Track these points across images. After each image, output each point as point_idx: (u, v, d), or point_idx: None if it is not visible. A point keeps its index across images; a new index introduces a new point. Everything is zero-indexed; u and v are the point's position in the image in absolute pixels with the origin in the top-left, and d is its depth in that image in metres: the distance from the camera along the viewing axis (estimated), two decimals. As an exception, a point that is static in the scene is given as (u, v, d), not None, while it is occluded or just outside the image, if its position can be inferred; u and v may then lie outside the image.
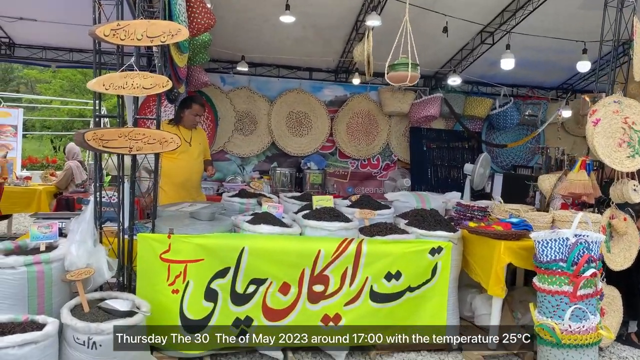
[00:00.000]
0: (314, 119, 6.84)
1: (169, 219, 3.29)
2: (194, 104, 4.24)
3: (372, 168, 7.18)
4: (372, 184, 7.18)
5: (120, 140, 2.95)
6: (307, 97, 6.79)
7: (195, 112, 4.24)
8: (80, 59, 6.25)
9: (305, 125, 6.83)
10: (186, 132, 4.25)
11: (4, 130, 10.61)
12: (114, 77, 2.98)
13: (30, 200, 6.56)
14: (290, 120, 6.76)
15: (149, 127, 4.04)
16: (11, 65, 29.62)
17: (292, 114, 6.77)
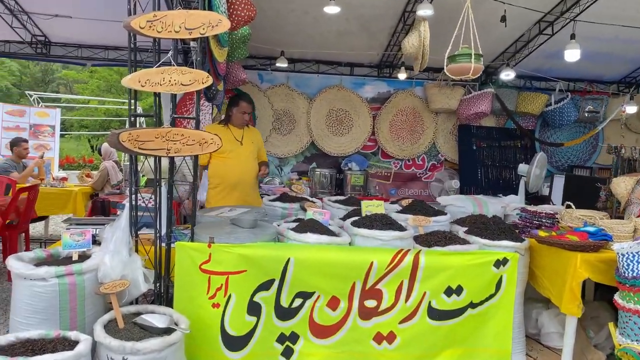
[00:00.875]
0: (355, 117, 6.57)
1: (208, 225, 3.09)
2: (242, 102, 4.06)
3: (417, 169, 6.86)
4: (417, 185, 6.86)
5: (157, 141, 2.76)
6: (348, 93, 6.52)
7: (243, 110, 4.05)
8: (115, 57, 6.17)
9: (346, 123, 6.56)
10: (237, 131, 4.10)
11: (42, 130, 10.78)
12: (151, 73, 2.79)
13: (66, 202, 6.53)
14: (330, 118, 6.51)
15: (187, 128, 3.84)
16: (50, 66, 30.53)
17: (332, 112, 6.52)
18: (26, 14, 5.28)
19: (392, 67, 6.53)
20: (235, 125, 4.12)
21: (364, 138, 6.60)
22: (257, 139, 4.26)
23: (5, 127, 10.30)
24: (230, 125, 4.12)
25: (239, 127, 4.13)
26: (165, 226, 2.91)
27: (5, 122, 10.33)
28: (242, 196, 4.12)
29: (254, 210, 3.65)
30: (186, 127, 5.53)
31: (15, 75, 23.20)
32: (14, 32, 5.50)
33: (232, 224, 3.10)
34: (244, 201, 4.06)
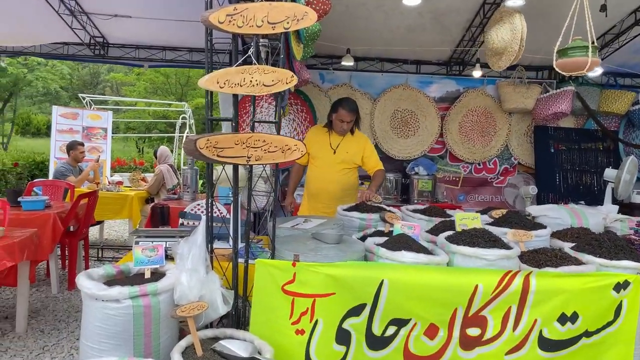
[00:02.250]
0: (421, 118, 6.22)
1: (287, 240, 2.83)
2: (340, 108, 3.82)
3: (488, 173, 6.45)
4: (488, 191, 6.44)
5: (237, 148, 2.53)
6: (415, 93, 6.18)
7: (340, 118, 3.82)
8: (173, 58, 6.04)
9: (412, 125, 6.22)
10: (335, 138, 3.91)
11: (94, 133, 10.89)
12: (230, 72, 2.56)
13: (122, 207, 6.48)
14: (394, 119, 6.19)
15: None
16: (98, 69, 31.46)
17: (397, 112, 6.19)
18: (86, 14, 5.21)
19: (462, 64, 6.15)
20: (336, 132, 3.90)
21: (431, 140, 6.25)
22: (358, 148, 3.99)
23: (60, 129, 10.45)
24: (332, 131, 3.91)
25: (340, 135, 3.90)
26: (244, 241, 2.67)
27: (60, 124, 10.48)
28: (323, 208, 3.91)
29: (330, 221, 3.39)
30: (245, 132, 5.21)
31: (66, 78, 23.92)
32: (72, 34, 5.44)
33: (313, 239, 2.84)
34: (325, 213, 3.83)
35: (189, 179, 5.73)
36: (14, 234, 3.44)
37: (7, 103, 20.21)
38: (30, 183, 5.94)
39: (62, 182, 5.95)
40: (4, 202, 3.96)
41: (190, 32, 5.63)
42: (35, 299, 4.42)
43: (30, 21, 5.42)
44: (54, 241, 4.43)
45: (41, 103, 26.07)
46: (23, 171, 12.28)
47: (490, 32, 4.03)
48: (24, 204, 4.49)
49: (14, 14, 5.28)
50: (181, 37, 5.79)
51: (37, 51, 5.99)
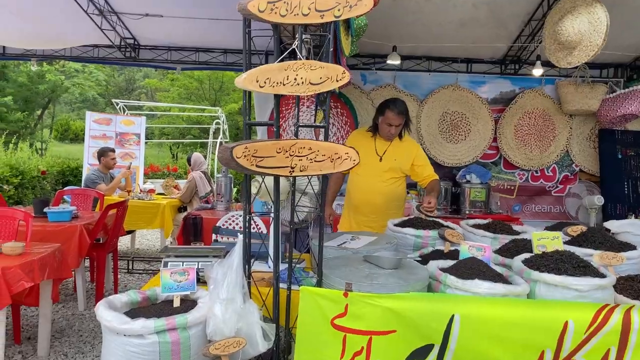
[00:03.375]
0: (473, 121, 5.77)
1: (335, 263, 2.46)
2: (388, 110, 3.45)
3: (546, 181, 5.93)
4: (546, 200, 5.93)
5: (280, 157, 2.19)
6: (465, 94, 5.74)
7: (388, 121, 3.45)
8: (207, 60, 5.78)
9: (462, 128, 5.78)
10: (382, 143, 3.55)
11: (127, 139, 10.82)
12: (272, 69, 2.21)
13: (153, 216, 6.26)
14: (443, 123, 5.76)
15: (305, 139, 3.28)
16: (133, 75, 31.95)
17: (446, 115, 5.76)
18: (115, 14, 5.00)
19: (519, 62, 5.67)
20: (382, 137, 3.53)
21: (483, 145, 5.78)
22: (407, 155, 3.61)
23: (93, 135, 10.42)
24: (378, 135, 3.54)
25: (386, 140, 3.53)
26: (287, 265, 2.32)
27: (93, 130, 10.45)
28: (367, 221, 3.54)
29: (381, 239, 3.00)
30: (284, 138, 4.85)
31: (102, 85, 24.29)
32: (102, 36, 5.25)
33: (366, 262, 2.47)
34: (369, 228, 3.46)
35: (223, 187, 5.44)
36: (35, 251, 3.19)
37: (46, 109, 20.58)
38: (60, 192, 5.78)
39: (91, 190, 5.76)
40: (27, 214, 3.73)
41: (225, 32, 5.37)
42: (61, 316, 4.19)
43: (59, 23, 5.25)
44: (80, 255, 4.20)
45: (79, 109, 26.62)
46: (57, 178, 12.33)
47: (563, 24, 3.57)
48: (50, 215, 4.28)
49: (43, 16, 5.12)
50: (215, 37, 5.52)
51: (68, 54, 5.82)
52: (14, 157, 11.38)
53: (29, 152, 12.82)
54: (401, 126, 3.56)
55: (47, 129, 21.62)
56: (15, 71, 17.51)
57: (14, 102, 17.06)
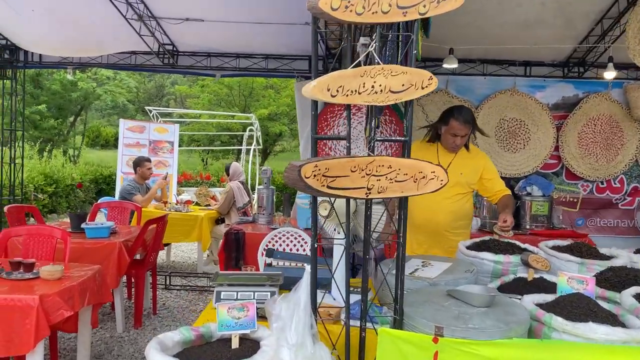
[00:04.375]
0: (532, 129, 5.39)
1: (416, 299, 2.16)
2: (452, 120, 3.13)
3: (613, 193, 5.50)
4: (612, 214, 5.50)
5: (354, 176, 1.91)
6: (524, 99, 5.37)
7: (453, 131, 3.14)
8: (247, 66, 5.55)
9: (521, 136, 5.40)
10: (445, 155, 3.23)
11: (161, 147, 10.73)
12: (345, 76, 1.94)
13: (191, 229, 6.07)
14: (500, 130, 5.40)
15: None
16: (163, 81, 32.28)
17: (503, 122, 5.40)
18: (155, 19, 4.82)
19: (584, 65, 5.27)
20: (445, 147, 3.22)
21: (544, 155, 5.40)
22: (475, 168, 3.29)
23: (126, 143, 10.35)
24: (440, 146, 3.23)
25: (450, 151, 3.21)
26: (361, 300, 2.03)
27: (127, 138, 10.39)
28: (430, 242, 3.22)
29: (458, 265, 2.69)
30: (323, 153, 4.66)
31: (133, 91, 24.54)
32: (140, 42, 5.08)
33: (450, 296, 2.15)
34: (433, 250, 3.14)
35: (265, 199, 5.19)
36: (74, 274, 2.98)
37: (78, 117, 20.84)
38: (96, 204, 5.63)
39: (129, 203, 5.59)
40: (65, 232, 3.54)
41: (266, 37, 5.15)
42: (99, 338, 3.99)
43: (97, 30, 5.11)
44: (119, 274, 4.00)
45: (110, 116, 26.98)
46: (90, 186, 12.36)
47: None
48: (88, 232, 4.10)
49: (81, 23, 5.00)
50: (257, 43, 5.31)
51: (105, 62, 5.68)
52: (48, 165, 11.44)
53: (62, 160, 12.89)
54: (467, 136, 3.24)
55: (80, 136, 21.89)
56: (49, 79, 17.76)
57: (47, 110, 17.28)
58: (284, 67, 5.46)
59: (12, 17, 5.06)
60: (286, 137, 22.27)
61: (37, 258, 3.54)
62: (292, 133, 20.08)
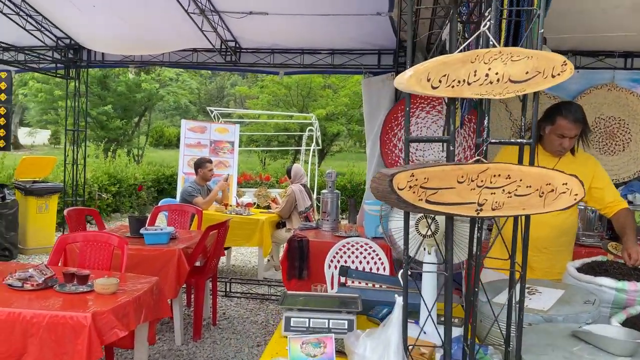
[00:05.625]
0: (633, 128, 4.78)
1: (531, 340, 1.74)
2: (560, 118, 2.67)
3: None
4: None
5: (462, 188, 1.54)
6: (624, 95, 4.76)
7: (560, 131, 2.67)
8: (312, 62, 5.23)
9: (620, 137, 4.80)
10: (548, 160, 2.76)
11: (221, 147, 10.65)
12: (451, 63, 1.56)
13: (252, 232, 5.85)
14: (597, 130, 4.82)
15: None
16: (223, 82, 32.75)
17: (599, 121, 4.81)
18: (217, 13, 4.59)
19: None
20: (548, 151, 2.76)
21: (647, 158, 4.75)
22: (583, 175, 2.80)
23: (188, 144, 10.33)
24: (540, 148, 2.77)
25: (554, 155, 2.75)
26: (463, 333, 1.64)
27: (188, 138, 10.37)
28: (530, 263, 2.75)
29: (574, 294, 2.24)
30: (393, 155, 4.25)
31: (194, 93, 24.95)
32: (202, 38, 4.88)
33: (575, 337, 1.73)
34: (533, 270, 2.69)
35: (329, 204, 4.85)
36: (129, 287, 2.74)
37: (142, 117, 21.38)
38: (157, 208, 5.49)
39: (189, 207, 5.41)
40: (122, 240, 3.34)
41: (332, 31, 4.82)
42: (157, 351, 3.78)
43: (158, 26, 4.97)
44: (178, 283, 3.78)
45: (172, 117, 27.61)
46: (152, 185, 12.48)
47: None
48: (147, 237, 3.91)
49: (142, 19, 4.86)
50: (323, 37, 4.99)
51: (166, 60, 5.53)
52: (112, 165, 11.62)
53: (126, 160, 13.11)
54: (576, 138, 2.76)
55: (143, 136, 22.46)
56: (115, 81, 18.27)
57: (113, 111, 17.77)
58: (351, 63, 5.11)
59: (75, 16, 5.00)
60: (343, 137, 21.97)
61: (93, 266, 3.36)
62: (349, 133, 19.75)
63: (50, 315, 2.33)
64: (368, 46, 4.99)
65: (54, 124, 21.09)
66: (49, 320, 2.32)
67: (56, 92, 17.78)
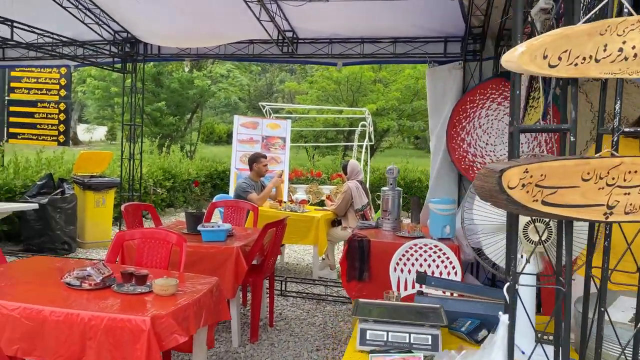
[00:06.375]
0: None
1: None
2: None
3: None
4: None
5: (587, 187, 1.31)
6: None
7: None
8: (372, 52, 4.98)
9: None
10: None
11: (273, 143, 10.57)
12: (575, 34, 1.31)
13: (307, 230, 5.69)
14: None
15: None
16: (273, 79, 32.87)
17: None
18: (275, 1, 4.41)
19: None
20: None
21: None
22: None
23: (240, 139, 10.31)
24: None
25: None
26: None
27: (240, 134, 10.35)
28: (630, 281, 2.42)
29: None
30: (460, 150, 3.99)
31: (244, 89, 25.10)
32: (259, 28, 4.72)
33: None
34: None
35: (390, 202, 4.61)
36: (189, 288, 2.61)
37: (194, 114, 21.68)
38: (213, 204, 5.41)
39: (246, 203, 5.30)
40: (181, 237, 3.22)
41: (394, 17, 4.57)
42: (213, 353, 3.67)
43: (215, 16, 4.86)
44: (236, 283, 3.65)
45: (222, 113, 27.95)
46: (205, 181, 12.57)
47: None
48: (204, 235, 3.79)
49: (198, 9, 4.75)
50: (386, 25, 4.75)
51: (222, 53, 5.42)
52: (167, 160, 11.77)
53: (180, 155, 13.27)
54: None
55: (195, 132, 22.79)
56: (169, 78, 18.57)
57: (166, 107, 18.08)
58: (415, 52, 4.83)
59: (132, 9, 4.97)
60: (393, 133, 21.56)
61: (150, 264, 3.26)
62: (400, 129, 19.32)
63: (109, 318, 2.21)
64: (434, 33, 4.69)
65: (110, 120, 21.73)
66: (107, 322, 2.21)
67: (113, 88, 18.28)
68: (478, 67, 4.65)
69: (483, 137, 4.52)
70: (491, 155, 4.49)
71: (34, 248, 6.56)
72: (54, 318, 2.23)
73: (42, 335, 2.24)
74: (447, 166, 4.74)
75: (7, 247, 6.61)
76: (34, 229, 6.54)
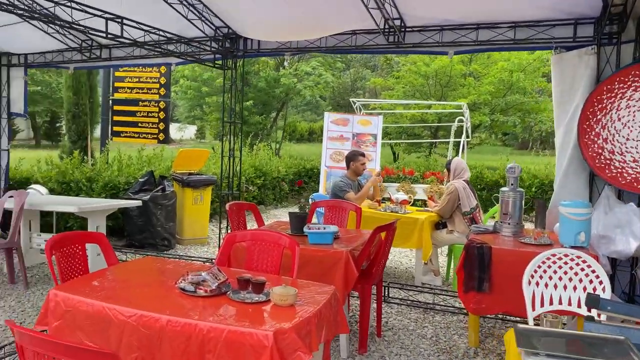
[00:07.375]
0: None
1: None
2: None
3: None
4: None
5: None
6: None
7: None
8: (489, 38, 4.52)
9: None
10: None
11: (364, 140, 10.29)
12: None
13: (410, 232, 5.34)
14: None
15: None
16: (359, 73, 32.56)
17: None
18: (386, -14, 4.11)
19: None
20: None
21: None
22: None
23: (330, 137, 10.13)
24: None
25: None
26: None
27: (330, 131, 10.17)
28: None
29: None
30: (595, 146, 3.43)
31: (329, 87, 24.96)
32: (364, 18, 4.42)
33: None
34: None
35: (511, 205, 4.16)
36: (307, 298, 2.36)
37: (280, 112, 21.88)
38: (314, 203, 5.20)
39: (348, 203, 5.05)
40: (293, 241, 3.01)
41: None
42: (323, 364, 3.41)
43: (319, 7, 4.62)
44: (346, 289, 3.40)
45: (304, 112, 28.08)
46: (294, 178, 12.54)
47: None
48: (311, 236, 3.57)
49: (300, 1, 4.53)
50: (503, 7, 4.29)
51: (323, 45, 5.18)
52: (257, 158, 11.84)
53: (270, 153, 13.34)
54: None
55: (280, 130, 23.02)
56: (256, 77, 18.85)
57: (253, 106, 18.36)
58: (538, 37, 4.31)
59: (234, 2, 4.87)
60: (483, 129, 20.56)
61: (261, 268, 3.08)
62: (491, 125, 18.35)
63: (229, 331, 2.01)
64: (561, 15, 4.16)
65: (199, 119, 22.45)
66: (227, 335, 2.01)
67: (203, 88, 18.82)
68: (615, 52, 4.07)
69: (623, 131, 3.94)
70: (633, 152, 3.91)
71: (136, 244, 6.71)
72: (171, 327, 2.08)
73: (159, 345, 2.09)
74: (576, 164, 4.20)
75: (111, 242, 6.81)
76: (137, 225, 6.68)
